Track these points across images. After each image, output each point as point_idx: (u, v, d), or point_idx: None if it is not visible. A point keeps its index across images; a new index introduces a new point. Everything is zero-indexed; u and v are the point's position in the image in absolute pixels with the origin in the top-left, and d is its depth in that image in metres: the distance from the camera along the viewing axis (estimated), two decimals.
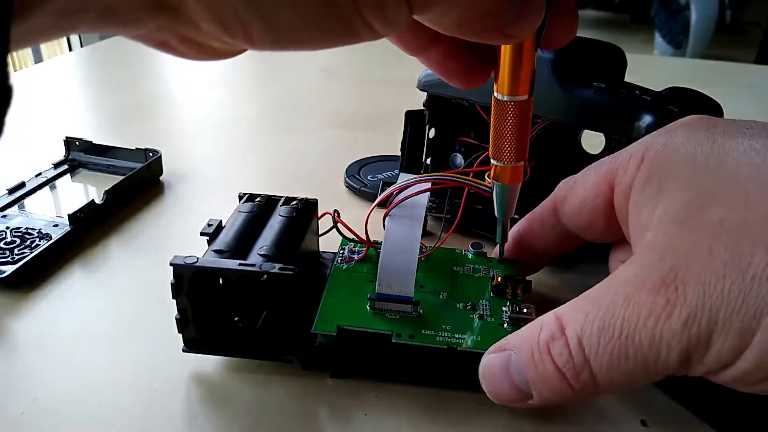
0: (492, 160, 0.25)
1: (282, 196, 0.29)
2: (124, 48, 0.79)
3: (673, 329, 0.17)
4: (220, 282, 0.23)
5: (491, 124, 0.24)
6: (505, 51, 0.22)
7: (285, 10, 0.15)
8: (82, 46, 0.86)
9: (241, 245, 0.25)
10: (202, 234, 0.26)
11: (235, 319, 0.24)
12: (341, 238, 0.29)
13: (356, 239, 0.28)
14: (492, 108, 0.24)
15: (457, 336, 0.24)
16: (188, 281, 0.23)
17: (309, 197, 0.30)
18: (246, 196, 0.29)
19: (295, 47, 0.16)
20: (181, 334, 0.24)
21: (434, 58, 0.22)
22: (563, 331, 0.19)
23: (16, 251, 0.31)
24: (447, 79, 0.22)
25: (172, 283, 0.23)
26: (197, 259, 0.23)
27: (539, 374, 0.20)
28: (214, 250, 0.25)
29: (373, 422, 0.23)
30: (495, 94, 0.23)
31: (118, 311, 0.29)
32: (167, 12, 0.15)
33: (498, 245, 0.29)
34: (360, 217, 0.28)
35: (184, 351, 0.24)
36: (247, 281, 0.23)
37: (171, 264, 0.23)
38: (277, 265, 0.23)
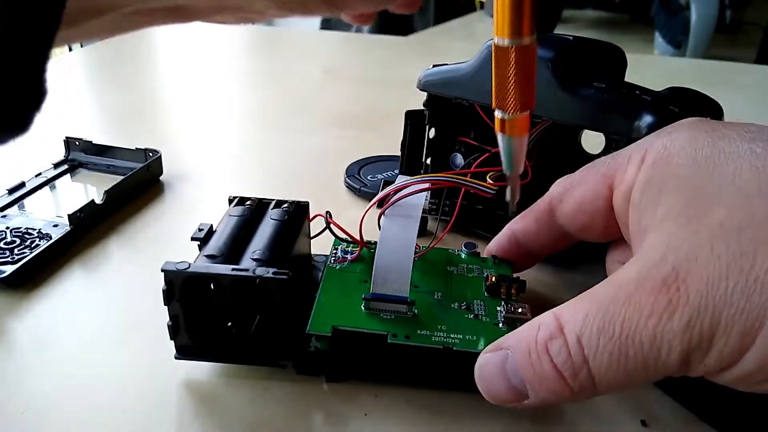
0: (495, 112, 0.22)
1: (273, 199, 0.29)
2: (124, 48, 0.79)
3: (675, 330, 0.17)
4: (212, 287, 0.23)
5: (492, 73, 0.21)
6: None
7: None
8: (82, 46, 0.85)
9: (233, 250, 0.25)
10: (192, 239, 0.26)
11: (228, 324, 0.24)
12: (334, 238, 0.29)
13: (349, 239, 0.28)
14: (492, 56, 0.21)
15: (452, 336, 0.24)
16: (180, 287, 0.22)
17: (301, 200, 0.29)
18: (236, 199, 0.29)
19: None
20: (173, 341, 0.24)
21: None
22: (562, 330, 0.19)
23: (16, 251, 0.31)
24: None
25: (163, 290, 0.22)
26: (189, 264, 0.22)
27: (536, 374, 0.20)
28: (206, 255, 0.24)
29: (370, 425, 0.23)
30: (494, 38, 0.20)
31: (118, 311, 0.29)
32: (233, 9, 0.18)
33: (493, 241, 0.29)
34: (360, 217, 0.28)
35: (176, 358, 0.24)
36: (241, 286, 0.23)
37: (162, 270, 0.22)
38: (272, 270, 0.22)
